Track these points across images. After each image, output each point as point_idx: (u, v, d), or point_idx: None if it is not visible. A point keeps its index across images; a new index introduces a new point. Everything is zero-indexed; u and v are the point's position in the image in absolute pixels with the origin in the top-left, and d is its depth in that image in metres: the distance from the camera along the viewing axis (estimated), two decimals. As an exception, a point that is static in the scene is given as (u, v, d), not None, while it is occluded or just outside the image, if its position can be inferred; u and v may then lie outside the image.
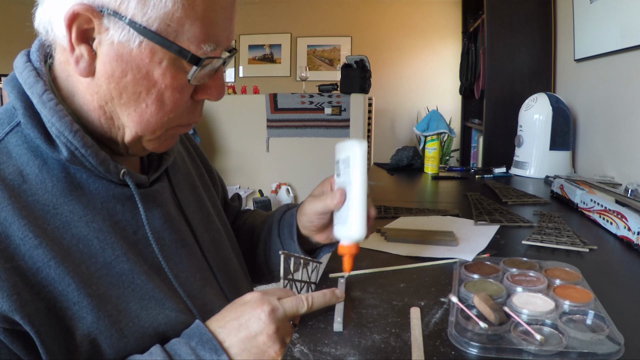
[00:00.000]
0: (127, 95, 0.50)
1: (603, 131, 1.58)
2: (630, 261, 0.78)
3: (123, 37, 0.47)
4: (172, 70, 0.49)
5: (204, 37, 0.49)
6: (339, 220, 0.65)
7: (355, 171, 0.62)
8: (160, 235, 0.57)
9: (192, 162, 0.75)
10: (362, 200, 0.61)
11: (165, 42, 0.47)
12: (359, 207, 0.61)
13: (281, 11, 5.20)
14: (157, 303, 0.52)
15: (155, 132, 0.54)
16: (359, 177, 0.61)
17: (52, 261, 0.46)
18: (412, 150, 1.85)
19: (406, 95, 5.03)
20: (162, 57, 0.48)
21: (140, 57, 0.48)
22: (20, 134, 0.51)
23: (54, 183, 0.50)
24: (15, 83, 0.52)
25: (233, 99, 3.70)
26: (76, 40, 0.47)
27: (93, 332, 0.47)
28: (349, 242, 0.63)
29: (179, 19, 0.47)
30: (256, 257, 0.81)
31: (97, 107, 0.52)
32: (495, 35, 2.13)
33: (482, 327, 0.50)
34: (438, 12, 4.88)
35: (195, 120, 0.57)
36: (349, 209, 0.62)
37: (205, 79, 0.53)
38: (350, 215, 0.62)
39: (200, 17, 0.48)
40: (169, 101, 0.51)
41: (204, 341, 0.51)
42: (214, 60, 0.51)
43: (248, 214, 0.91)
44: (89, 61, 0.48)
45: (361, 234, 0.61)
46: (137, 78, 0.49)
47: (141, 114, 0.51)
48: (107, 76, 0.49)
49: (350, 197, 0.63)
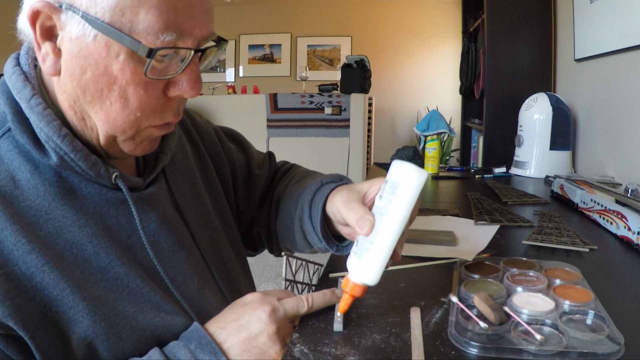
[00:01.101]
0: (90, 93, 0.48)
1: (603, 131, 1.58)
2: (630, 261, 0.78)
3: (79, 31, 0.45)
4: (131, 65, 0.46)
5: (162, 27, 0.45)
6: (357, 250, 0.54)
7: (399, 204, 0.49)
8: (156, 239, 0.56)
9: (196, 155, 0.72)
10: (391, 242, 0.50)
11: (118, 33, 0.44)
12: (383, 250, 0.50)
13: (281, 11, 5.21)
14: (153, 306, 0.52)
15: (125, 132, 0.51)
16: (400, 213, 0.49)
17: (46, 266, 0.46)
18: (412, 150, 1.85)
19: (406, 95, 5.04)
20: (118, 50, 0.45)
21: (97, 51, 0.46)
22: (11, 139, 0.50)
23: (46, 188, 0.49)
24: (4, 88, 0.51)
25: (233, 99, 3.70)
26: (41, 38, 0.46)
27: (89, 336, 0.47)
28: (359, 282, 0.52)
29: (132, 9, 0.44)
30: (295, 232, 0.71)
31: (67, 107, 0.50)
32: (496, 35, 2.13)
33: (482, 327, 0.50)
34: (438, 12, 4.88)
35: (170, 119, 0.53)
36: (372, 244, 0.51)
37: (175, 73, 0.49)
38: (369, 252, 0.51)
39: (155, 4, 0.45)
40: (133, 98, 0.48)
41: (202, 344, 0.50)
42: (181, 52, 0.48)
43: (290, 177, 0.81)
44: (55, 59, 0.47)
45: (373, 281, 0.51)
46: (96, 74, 0.47)
47: (107, 112, 0.49)
48: (69, 74, 0.47)
49: (378, 230, 0.51)
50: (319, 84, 3.64)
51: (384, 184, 0.53)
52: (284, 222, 0.75)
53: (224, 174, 0.77)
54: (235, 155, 0.80)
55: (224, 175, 0.77)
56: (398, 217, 0.49)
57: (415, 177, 0.49)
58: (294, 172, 0.83)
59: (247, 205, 0.81)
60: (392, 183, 0.51)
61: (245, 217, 0.81)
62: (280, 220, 0.77)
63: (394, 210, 0.50)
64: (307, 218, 0.66)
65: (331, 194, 0.63)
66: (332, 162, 3.46)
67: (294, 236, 0.72)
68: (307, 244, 0.70)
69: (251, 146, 0.85)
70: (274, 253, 0.85)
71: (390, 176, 0.52)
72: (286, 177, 0.83)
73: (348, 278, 0.53)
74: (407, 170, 0.50)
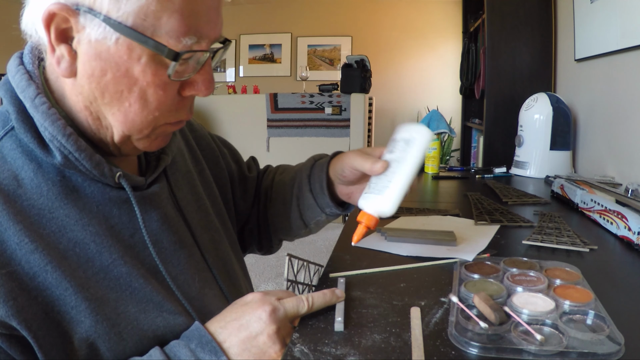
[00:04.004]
0: (109, 94, 0.48)
1: (603, 131, 1.58)
2: (630, 261, 0.78)
3: (100, 34, 0.45)
4: (152, 67, 0.47)
5: (184, 30, 0.47)
6: (374, 190, 0.63)
7: (415, 153, 0.62)
8: (158, 238, 0.57)
9: (193, 159, 0.74)
10: (408, 180, 0.62)
11: (142, 37, 0.45)
12: (401, 185, 0.62)
13: (282, 11, 5.21)
14: (155, 306, 0.52)
15: (142, 131, 0.52)
16: (416, 159, 0.62)
17: (49, 266, 0.46)
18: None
19: (406, 95, 5.04)
20: (140, 53, 0.47)
21: (118, 54, 0.46)
22: (14, 138, 0.50)
23: (49, 187, 0.49)
24: (8, 87, 0.51)
25: (233, 99, 3.70)
26: (56, 41, 0.46)
27: (91, 336, 0.47)
28: (375, 213, 0.62)
29: (155, 12, 0.45)
30: (291, 213, 0.79)
31: (82, 107, 0.51)
32: (496, 35, 2.13)
33: (482, 327, 0.50)
34: (438, 12, 4.88)
35: (184, 117, 0.55)
36: (391, 182, 0.62)
37: (191, 73, 0.51)
38: (389, 189, 0.62)
39: (177, 9, 0.46)
40: (153, 99, 0.49)
41: (203, 343, 0.51)
42: (197, 54, 0.49)
43: (273, 171, 0.88)
44: (70, 61, 0.47)
45: (391, 211, 0.62)
46: (117, 76, 0.47)
47: (125, 113, 0.50)
48: (87, 76, 0.48)
49: (398, 173, 0.62)
50: (319, 84, 3.64)
51: (392, 143, 0.65)
52: (276, 209, 0.81)
53: (221, 178, 0.79)
54: (229, 160, 0.83)
55: (221, 179, 0.79)
56: (414, 162, 0.62)
57: (427, 133, 0.63)
58: (275, 168, 0.90)
59: (244, 206, 0.84)
60: (405, 139, 0.64)
61: (242, 218, 0.84)
62: (272, 209, 0.82)
63: (412, 157, 0.62)
64: (307, 192, 0.75)
65: (332, 161, 0.73)
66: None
67: (288, 219, 0.79)
68: (302, 224, 0.79)
69: (238, 152, 0.89)
70: (262, 250, 0.89)
71: (400, 135, 0.65)
72: (269, 173, 0.89)
73: (364, 212, 0.63)
74: (419, 129, 0.64)
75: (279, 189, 0.82)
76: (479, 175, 1.65)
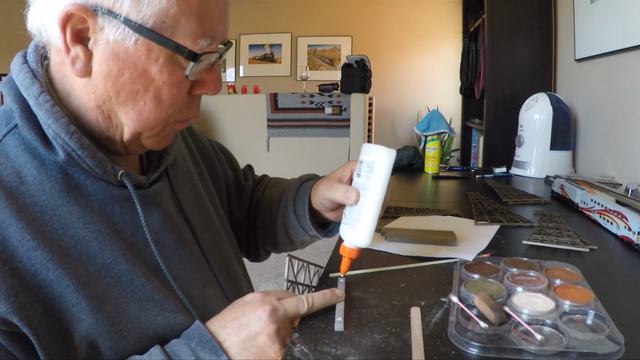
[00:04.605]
0: (125, 93, 0.50)
1: (603, 131, 1.58)
2: (630, 261, 0.78)
3: (118, 35, 0.46)
4: (169, 67, 0.49)
5: (200, 32, 0.49)
6: (347, 222, 0.64)
7: (377, 180, 0.60)
8: (160, 237, 0.57)
9: (193, 160, 0.74)
10: (376, 210, 0.60)
11: (161, 39, 0.47)
12: (370, 217, 0.60)
13: (282, 11, 5.21)
14: (156, 304, 0.52)
15: (154, 129, 0.54)
16: (379, 186, 0.60)
17: (51, 263, 0.46)
18: (412, 150, 1.85)
19: (406, 95, 5.04)
20: (158, 54, 0.48)
21: (136, 55, 0.48)
22: (18, 136, 0.51)
23: (52, 184, 0.50)
24: (12, 85, 0.51)
25: (233, 99, 3.70)
26: (71, 41, 0.47)
27: (92, 334, 0.47)
28: (352, 246, 0.63)
29: (174, 15, 0.47)
30: (277, 230, 0.81)
31: (94, 106, 0.51)
32: (496, 35, 2.13)
33: (482, 327, 0.50)
34: (438, 12, 4.89)
35: (192, 115, 0.57)
36: (360, 215, 0.61)
37: (203, 73, 0.53)
38: (360, 222, 0.61)
39: (195, 12, 0.48)
40: (167, 97, 0.51)
41: (203, 342, 0.51)
42: (210, 55, 0.51)
43: (265, 184, 0.90)
44: (85, 61, 0.48)
45: (366, 243, 0.61)
46: (134, 76, 0.49)
47: (139, 111, 0.51)
48: (103, 75, 0.49)
49: (364, 203, 0.61)
50: (319, 84, 3.64)
51: (359, 164, 0.64)
52: (264, 223, 0.83)
53: (218, 182, 0.80)
54: (226, 167, 0.84)
55: (218, 184, 0.80)
56: (378, 190, 0.60)
57: (387, 157, 0.59)
58: (267, 179, 0.92)
59: (239, 214, 0.85)
60: (367, 163, 0.62)
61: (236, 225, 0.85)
62: (260, 222, 0.84)
63: (375, 184, 0.60)
64: (291, 213, 0.76)
65: (312, 189, 0.73)
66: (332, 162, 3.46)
67: (275, 235, 0.81)
68: (288, 241, 0.80)
69: (235, 159, 0.89)
70: (250, 258, 0.91)
71: (363, 157, 0.63)
72: (261, 184, 0.91)
73: (344, 245, 0.64)
74: (378, 150, 0.61)
75: (267, 205, 0.83)
76: (479, 175, 1.65)
